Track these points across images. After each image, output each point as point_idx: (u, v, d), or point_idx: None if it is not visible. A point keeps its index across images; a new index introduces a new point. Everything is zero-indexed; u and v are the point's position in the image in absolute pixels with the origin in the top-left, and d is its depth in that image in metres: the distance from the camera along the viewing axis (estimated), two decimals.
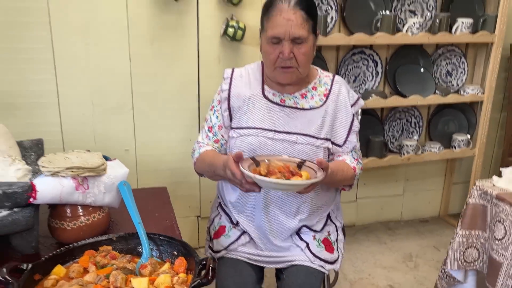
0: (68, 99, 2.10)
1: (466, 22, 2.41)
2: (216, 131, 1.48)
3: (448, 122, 2.72)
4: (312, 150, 1.37)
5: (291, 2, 1.29)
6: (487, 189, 1.49)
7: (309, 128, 1.38)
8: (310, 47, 1.33)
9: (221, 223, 1.53)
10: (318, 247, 1.44)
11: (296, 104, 1.41)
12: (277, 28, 1.29)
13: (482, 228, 1.52)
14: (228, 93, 1.45)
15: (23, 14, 1.95)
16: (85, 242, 1.10)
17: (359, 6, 2.35)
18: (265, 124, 1.39)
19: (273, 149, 1.38)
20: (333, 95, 1.42)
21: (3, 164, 1.27)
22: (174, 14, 2.13)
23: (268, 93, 1.43)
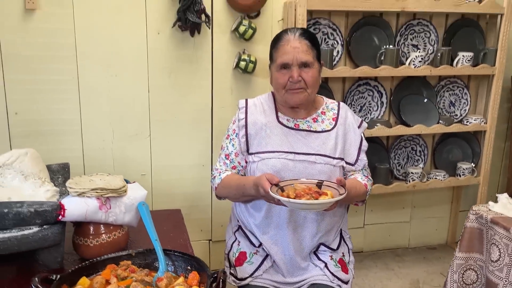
0: (90, 126, 2.25)
1: (467, 55, 2.53)
2: (233, 158, 1.58)
3: (453, 151, 2.80)
4: (330, 169, 1.49)
5: (296, 34, 1.48)
6: (483, 213, 1.57)
7: (325, 148, 1.50)
8: (316, 72, 1.49)
9: (240, 249, 1.60)
10: (336, 267, 1.52)
11: (309, 127, 1.54)
12: (285, 55, 1.47)
13: (479, 251, 1.59)
14: (245, 121, 1.56)
15: (52, 49, 2.12)
16: (107, 256, 1.20)
17: (364, 41, 2.49)
18: (284, 147, 1.51)
19: (294, 169, 1.48)
20: (341, 119, 1.57)
21: (34, 185, 1.40)
22: (190, 48, 2.29)
23: (282, 119, 1.56)
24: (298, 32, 1.48)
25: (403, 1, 2.36)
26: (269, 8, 2.34)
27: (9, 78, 2.10)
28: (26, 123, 2.17)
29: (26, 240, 1.22)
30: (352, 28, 2.46)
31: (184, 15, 2.17)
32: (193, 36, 2.26)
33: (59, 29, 2.11)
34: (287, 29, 1.53)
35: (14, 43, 2.07)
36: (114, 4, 2.15)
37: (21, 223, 1.24)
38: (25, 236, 1.22)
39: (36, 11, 2.07)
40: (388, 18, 2.51)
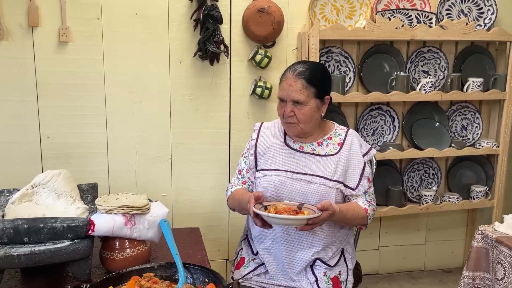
0: (116, 149, 2.39)
1: (477, 81, 2.60)
2: (244, 174, 1.75)
3: (466, 174, 2.84)
4: (325, 190, 1.59)
5: (295, 72, 1.59)
6: (488, 233, 1.62)
7: (323, 171, 1.61)
8: (310, 109, 1.59)
9: (241, 255, 1.75)
10: (326, 283, 1.60)
11: (313, 150, 1.66)
12: (282, 91, 1.61)
13: (486, 270, 1.63)
14: (256, 141, 1.74)
15: (82, 78, 2.30)
16: (132, 268, 1.31)
17: (375, 68, 2.59)
18: (286, 166, 1.64)
19: (291, 186, 1.61)
20: (347, 145, 1.66)
21: (66, 203, 1.53)
22: (210, 76, 2.44)
23: (289, 142, 1.70)
24: (297, 71, 1.58)
25: (412, 30, 2.47)
26: (284, 38, 2.48)
27: (43, 105, 2.28)
28: (57, 146, 2.32)
29: (59, 252, 1.33)
30: (363, 56, 2.57)
31: (204, 45, 2.32)
32: (212, 64, 2.41)
33: (89, 60, 2.29)
34: (290, 67, 1.63)
35: (48, 73, 2.25)
36: (139, 36, 2.32)
37: (55, 237, 1.36)
38: (58, 249, 1.33)
39: (69, 43, 2.25)
40: (398, 46, 2.62)
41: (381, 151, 2.56)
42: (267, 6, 2.32)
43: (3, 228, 1.32)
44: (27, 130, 2.28)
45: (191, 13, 2.32)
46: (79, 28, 2.25)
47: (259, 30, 2.35)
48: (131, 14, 2.29)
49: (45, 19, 2.20)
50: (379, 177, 2.56)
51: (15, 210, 1.48)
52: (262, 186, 1.65)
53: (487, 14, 2.65)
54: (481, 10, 2.66)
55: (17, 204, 1.50)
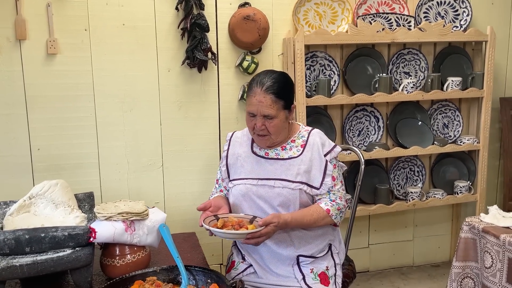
0: (107, 159, 2.41)
1: (456, 80, 2.71)
2: (221, 183, 1.83)
3: (449, 170, 2.94)
4: (288, 192, 1.64)
5: (263, 88, 1.60)
6: (475, 224, 1.70)
7: (286, 174, 1.66)
8: (280, 121, 1.63)
9: (232, 259, 1.80)
10: (314, 279, 1.65)
11: (277, 155, 1.71)
12: (251, 106, 1.64)
13: (475, 259, 1.71)
14: (227, 152, 1.80)
15: (71, 89, 2.31)
16: (135, 273, 1.34)
17: (358, 70, 2.67)
18: (252, 174, 1.70)
19: (257, 193, 1.66)
20: (309, 146, 1.70)
21: (64, 212, 1.55)
22: (198, 83, 2.48)
23: (255, 149, 1.75)
24: (264, 86, 1.60)
25: (393, 33, 2.56)
26: (269, 44, 2.54)
27: (32, 117, 2.28)
28: (47, 158, 2.33)
29: (61, 261, 1.35)
30: (347, 59, 2.65)
31: (192, 53, 2.36)
32: (200, 72, 2.45)
33: (77, 71, 2.30)
34: (257, 80, 1.63)
35: (37, 85, 2.26)
36: (127, 46, 2.35)
37: (56, 246, 1.38)
38: (60, 258, 1.35)
39: (57, 55, 2.27)
40: (380, 48, 2.71)
41: (367, 151, 2.63)
42: (252, 13, 2.38)
43: (4, 239, 1.34)
44: (17, 143, 2.28)
45: (178, 22, 2.36)
46: (67, 40, 2.26)
47: (245, 37, 2.41)
48: (118, 25, 2.32)
49: (32, 31, 2.21)
50: (366, 176, 2.63)
51: (14, 222, 1.49)
52: (233, 195, 1.72)
53: (463, 15, 2.77)
54: (456, 12, 2.77)
55: (15, 216, 1.51)
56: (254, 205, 1.67)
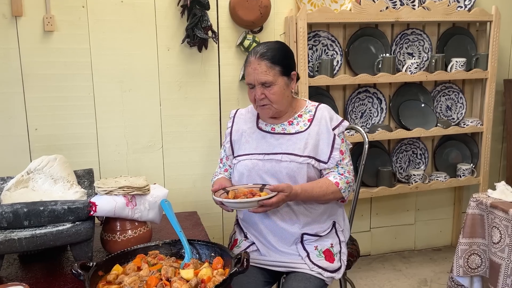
0: (106, 139, 2.36)
1: (460, 61, 2.67)
2: (225, 162, 1.79)
3: (452, 153, 2.91)
4: (296, 166, 1.60)
5: (257, 55, 1.58)
6: (483, 200, 1.67)
7: (293, 148, 1.62)
8: (280, 88, 1.59)
9: (235, 237, 1.76)
10: (318, 256, 1.61)
11: (284, 130, 1.67)
12: (248, 76, 1.61)
13: (482, 236, 1.68)
14: (231, 129, 1.76)
15: (69, 68, 2.26)
16: (137, 247, 1.30)
17: (361, 51, 2.63)
18: (258, 149, 1.66)
19: (263, 168, 1.62)
20: (316, 120, 1.66)
21: (64, 188, 1.51)
22: (198, 63, 2.43)
23: (261, 125, 1.71)
24: (258, 53, 1.57)
25: (397, 12, 2.51)
26: (271, 23, 2.49)
27: (29, 96, 2.23)
28: (45, 138, 2.28)
29: (61, 235, 1.31)
30: (350, 39, 2.61)
31: (192, 31, 2.31)
32: (200, 51, 2.40)
33: (75, 49, 2.25)
34: (252, 51, 1.61)
35: (33, 64, 2.21)
36: (126, 24, 2.29)
37: (55, 220, 1.34)
38: (60, 231, 1.31)
39: (54, 32, 2.21)
40: (383, 28, 2.66)
41: (370, 133, 2.60)
42: None
43: (2, 212, 1.30)
44: (14, 122, 2.23)
45: None
46: (64, 17, 2.21)
47: (246, 15, 2.36)
48: (116, 2, 2.27)
49: (28, 8, 2.16)
50: (368, 159, 2.58)
51: (11, 197, 1.45)
52: (238, 172, 1.68)
53: None
54: None
55: (13, 191, 1.47)
56: (260, 181, 1.63)
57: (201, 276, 1.14)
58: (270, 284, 1.66)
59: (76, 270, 1.12)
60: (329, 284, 1.63)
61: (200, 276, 1.15)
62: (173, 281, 1.13)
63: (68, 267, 1.42)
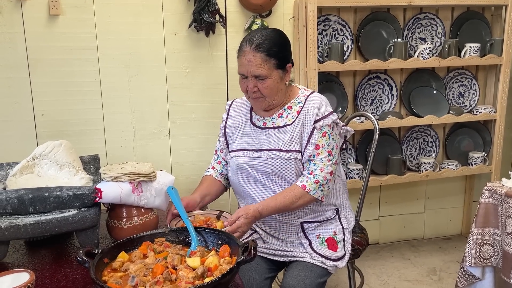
0: (113, 125, 2.34)
1: (474, 46, 2.59)
2: (219, 154, 1.76)
3: (464, 141, 2.85)
4: (282, 163, 1.55)
5: (252, 46, 1.49)
6: (497, 189, 1.63)
7: (279, 143, 1.56)
8: (273, 81, 1.52)
9: None
10: (321, 245, 1.59)
11: (274, 124, 1.61)
12: (241, 67, 1.53)
13: (495, 226, 1.64)
14: (225, 122, 1.71)
15: (75, 52, 2.23)
16: (143, 234, 1.28)
17: (372, 36, 2.56)
18: (249, 145, 1.62)
19: (252, 166, 1.59)
20: (304, 112, 1.58)
21: (69, 174, 1.49)
22: (206, 48, 2.39)
23: (254, 119, 1.65)
24: (254, 43, 1.49)
25: None
26: (280, 7, 2.43)
27: (35, 81, 2.21)
28: (51, 123, 2.27)
29: (66, 221, 1.30)
30: (361, 24, 2.54)
31: (200, 16, 2.26)
32: (208, 36, 2.35)
33: (81, 33, 2.22)
34: (246, 38, 1.53)
35: (39, 48, 2.18)
36: (132, 8, 2.25)
37: (61, 206, 1.32)
38: (65, 218, 1.30)
39: (60, 16, 2.18)
40: (395, 13, 2.59)
41: (380, 120, 2.55)
42: None
43: (7, 198, 1.28)
44: (20, 108, 2.21)
45: None
46: (69, 0, 2.17)
47: None
48: None
49: None
50: (378, 147, 2.54)
51: (17, 183, 1.44)
52: (231, 169, 1.65)
53: None
54: None
55: (18, 177, 1.46)
56: (251, 178, 1.61)
57: (208, 264, 1.12)
58: (274, 272, 1.64)
59: (81, 257, 1.11)
60: (332, 272, 1.60)
61: (206, 264, 1.13)
62: (179, 269, 1.11)
63: (74, 253, 1.41)
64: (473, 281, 1.75)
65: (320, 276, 1.54)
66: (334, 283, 2.51)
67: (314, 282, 1.50)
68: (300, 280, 1.49)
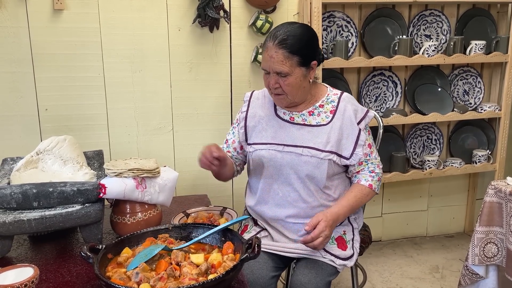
0: (116, 121, 2.34)
1: (479, 43, 2.58)
2: (230, 144, 1.72)
3: (468, 139, 2.84)
4: (316, 161, 1.53)
5: (275, 41, 1.46)
6: (502, 187, 1.62)
7: (315, 142, 1.54)
8: (295, 78, 1.49)
9: (245, 223, 1.74)
10: (331, 244, 1.58)
11: (304, 121, 1.59)
12: (264, 63, 1.51)
13: (499, 224, 1.64)
14: (246, 114, 1.67)
15: (79, 47, 2.22)
16: (146, 230, 1.28)
17: (377, 32, 2.55)
18: (276, 139, 1.59)
19: (282, 160, 1.56)
20: (339, 113, 1.57)
21: (73, 169, 1.50)
22: (210, 44, 2.38)
23: (279, 112, 1.63)
24: (277, 39, 1.46)
25: None
26: (284, 3, 2.42)
27: (39, 76, 2.21)
28: (55, 118, 2.27)
29: (70, 216, 1.30)
30: (365, 20, 2.53)
31: (204, 11, 2.26)
32: (212, 32, 2.35)
33: (85, 28, 2.21)
34: (271, 33, 1.50)
35: (43, 43, 2.18)
36: (136, 3, 2.24)
37: (65, 202, 1.33)
38: (69, 213, 1.30)
39: (64, 11, 2.17)
40: (401, 9, 2.57)
41: (384, 117, 2.54)
42: None
43: (11, 193, 1.29)
44: (24, 102, 2.21)
45: None
46: None
47: None
48: None
49: None
50: (382, 144, 2.53)
51: (21, 178, 1.44)
52: (254, 162, 1.62)
53: None
54: None
55: (22, 172, 1.46)
56: (278, 173, 1.57)
57: (211, 261, 1.13)
58: (280, 270, 1.64)
59: (85, 253, 1.11)
60: (340, 271, 1.60)
61: (210, 261, 1.13)
62: (183, 265, 1.11)
63: (78, 248, 1.41)
64: (476, 279, 1.75)
65: (330, 274, 1.54)
66: (337, 280, 2.51)
67: (325, 280, 1.50)
68: (311, 277, 1.49)
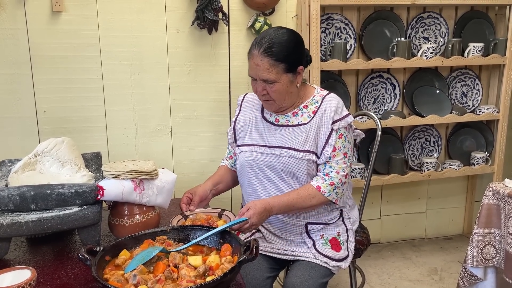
0: (115, 123, 2.34)
1: (478, 46, 2.58)
2: (230, 148, 1.77)
3: (466, 141, 2.85)
4: (295, 162, 1.53)
5: (260, 49, 1.46)
6: (500, 189, 1.62)
7: (293, 142, 1.55)
8: (282, 85, 1.49)
9: None
10: (324, 245, 1.59)
11: (287, 122, 1.59)
12: (250, 70, 1.53)
13: (497, 226, 1.64)
14: (236, 117, 1.71)
15: (77, 49, 2.23)
16: (144, 232, 1.28)
17: (376, 34, 2.56)
18: (260, 141, 1.61)
19: (264, 161, 1.58)
20: (320, 112, 1.56)
21: (71, 171, 1.49)
22: (208, 46, 2.38)
23: (266, 114, 1.64)
24: (262, 48, 1.45)
25: None
26: (283, 5, 2.42)
27: (38, 78, 2.21)
28: (53, 120, 2.26)
29: (68, 219, 1.30)
30: (364, 22, 2.54)
31: (202, 13, 2.26)
32: (211, 34, 2.35)
33: (84, 30, 2.21)
34: (256, 40, 1.50)
35: (42, 45, 2.18)
36: (135, 5, 2.25)
37: (63, 204, 1.32)
38: (67, 215, 1.30)
39: (62, 13, 2.17)
40: (399, 11, 2.58)
41: (382, 119, 2.54)
42: None
43: (9, 195, 1.28)
44: (22, 104, 2.21)
45: None
46: None
47: None
48: None
49: None
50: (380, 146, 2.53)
51: (19, 179, 1.44)
52: (240, 163, 1.64)
53: None
54: None
55: (20, 173, 1.46)
56: (261, 173, 1.59)
57: (209, 263, 1.12)
58: (275, 271, 1.64)
59: (82, 255, 1.11)
60: (335, 273, 1.60)
61: (208, 263, 1.13)
62: (181, 267, 1.11)
63: (76, 250, 1.41)
64: (475, 281, 1.75)
65: (323, 276, 1.54)
66: (335, 282, 2.51)
67: (318, 282, 1.50)
68: (303, 279, 1.49)
